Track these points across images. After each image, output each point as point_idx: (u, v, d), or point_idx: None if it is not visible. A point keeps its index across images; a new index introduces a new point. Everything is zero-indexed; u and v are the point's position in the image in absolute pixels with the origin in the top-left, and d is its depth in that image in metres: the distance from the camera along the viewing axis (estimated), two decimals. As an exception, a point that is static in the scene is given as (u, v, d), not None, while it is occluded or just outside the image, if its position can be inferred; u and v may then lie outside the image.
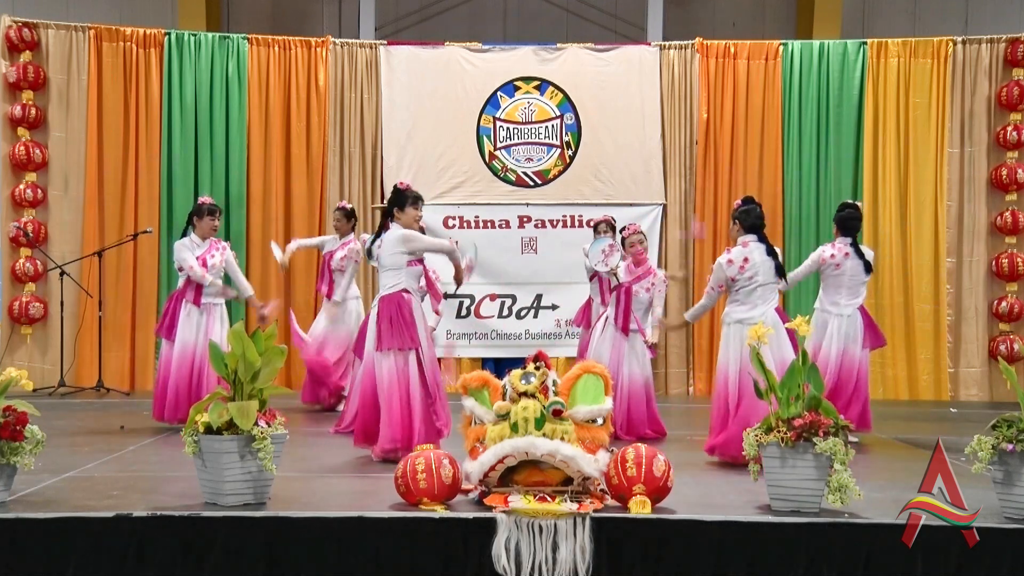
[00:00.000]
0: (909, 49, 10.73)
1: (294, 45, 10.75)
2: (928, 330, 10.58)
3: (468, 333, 10.68)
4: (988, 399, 10.43)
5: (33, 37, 10.39)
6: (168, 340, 7.46)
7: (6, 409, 4.47)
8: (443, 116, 10.76)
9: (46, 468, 5.18)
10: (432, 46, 10.93)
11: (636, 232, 7.54)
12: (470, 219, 10.68)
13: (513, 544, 4.22)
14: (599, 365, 5.01)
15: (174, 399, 7.29)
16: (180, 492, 4.80)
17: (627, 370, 7.26)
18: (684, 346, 10.74)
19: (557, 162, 10.82)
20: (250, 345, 4.53)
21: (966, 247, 10.68)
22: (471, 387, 4.83)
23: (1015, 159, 10.62)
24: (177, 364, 7.32)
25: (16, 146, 10.29)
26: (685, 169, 10.82)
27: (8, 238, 10.33)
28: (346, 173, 10.75)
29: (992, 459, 4.38)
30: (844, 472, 4.37)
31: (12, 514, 4.29)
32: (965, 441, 4.50)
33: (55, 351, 10.16)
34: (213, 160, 10.58)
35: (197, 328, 7.36)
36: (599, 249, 7.44)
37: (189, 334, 7.35)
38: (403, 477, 4.54)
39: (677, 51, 10.84)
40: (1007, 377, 4.79)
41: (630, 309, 7.31)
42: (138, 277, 10.36)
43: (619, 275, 7.38)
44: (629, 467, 4.45)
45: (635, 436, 6.90)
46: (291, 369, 10.07)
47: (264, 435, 4.44)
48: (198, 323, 7.38)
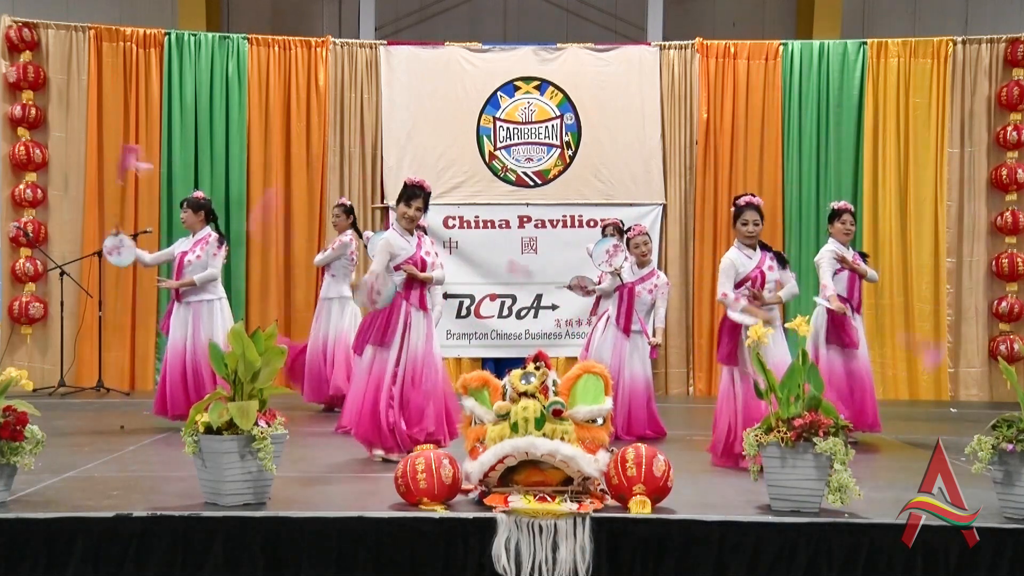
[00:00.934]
0: (909, 49, 10.73)
1: (294, 45, 10.75)
2: (928, 330, 10.58)
3: (468, 333, 10.68)
4: (988, 399, 10.43)
5: (33, 37, 10.39)
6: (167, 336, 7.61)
7: (6, 409, 4.47)
8: (443, 116, 10.77)
9: (46, 468, 5.17)
10: (432, 46, 10.94)
11: (641, 233, 7.55)
12: (470, 219, 10.69)
13: (513, 544, 4.22)
14: (599, 365, 5.01)
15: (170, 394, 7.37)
16: (180, 492, 4.80)
17: (628, 370, 7.27)
18: (684, 346, 10.74)
19: (557, 162, 10.82)
20: (250, 345, 4.53)
21: (966, 247, 10.68)
22: (471, 387, 4.83)
23: (1015, 159, 10.62)
24: (170, 361, 7.43)
25: (16, 146, 10.29)
26: (685, 169, 10.83)
27: (8, 238, 10.33)
28: (346, 173, 10.75)
29: (992, 459, 4.38)
30: (844, 472, 4.37)
31: (12, 514, 4.29)
32: (965, 441, 4.50)
33: (55, 351, 10.16)
34: (213, 160, 10.59)
35: (185, 324, 7.43)
36: (603, 249, 7.44)
37: (178, 331, 7.45)
38: (403, 477, 4.54)
39: (677, 51, 10.84)
40: (1007, 377, 4.79)
41: (632, 309, 7.32)
42: (138, 277, 10.36)
43: (623, 276, 7.39)
44: (629, 467, 4.45)
45: (635, 436, 6.91)
46: (291, 369, 10.06)
47: (264, 435, 4.43)
48: (184, 319, 7.44)
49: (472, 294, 10.64)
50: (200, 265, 7.45)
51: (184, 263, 7.45)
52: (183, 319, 7.43)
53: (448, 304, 9.98)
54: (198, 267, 7.44)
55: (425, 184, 6.18)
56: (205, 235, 7.56)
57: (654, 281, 7.43)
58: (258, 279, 10.61)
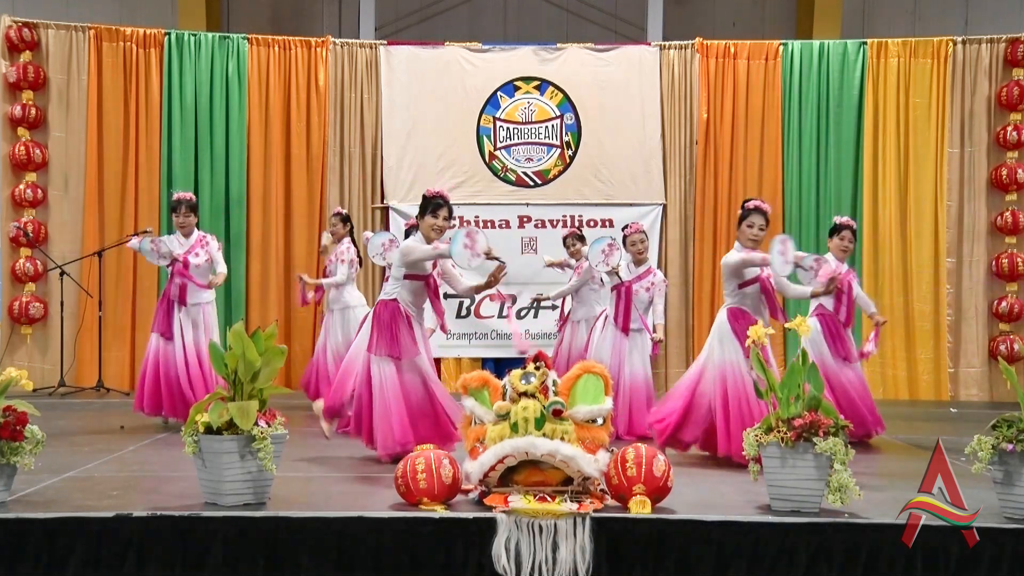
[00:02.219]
0: (909, 49, 10.73)
1: (294, 45, 10.75)
2: (928, 330, 10.58)
3: (468, 333, 10.68)
4: (988, 399, 10.43)
5: (33, 37, 10.39)
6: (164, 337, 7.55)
7: (6, 409, 4.47)
8: (443, 116, 10.77)
9: (46, 468, 5.17)
10: (432, 46, 10.94)
11: (638, 231, 7.55)
12: (470, 219, 10.67)
13: (513, 544, 4.22)
14: (599, 365, 5.00)
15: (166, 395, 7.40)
16: (180, 492, 4.80)
17: (628, 368, 7.26)
18: (684, 346, 10.73)
19: (557, 162, 10.82)
20: (250, 345, 4.53)
21: (966, 247, 10.68)
22: (471, 387, 4.83)
23: (1015, 159, 10.62)
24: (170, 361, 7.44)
25: (16, 146, 10.29)
26: (685, 169, 10.82)
27: (8, 238, 10.34)
28: (346, 173, 10.75)
29: (992, 459, 4.37)
30: (844, 472, 4.37)
31: (12, 514, 4.29)
32: (965, 441, 4.50)
33: (55, 351, 10.16)
34: (213, 160, 10.59)
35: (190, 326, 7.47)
36: (599, 249, 7.43)
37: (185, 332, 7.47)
38: (403, 477, 4.54)
39: (677, 51, 10.84)
40: (1007, 377, 4.79)
41: (631, 308, 7.31)
42: (138, 277, 10.37)
43: (620, 274, 7.38)
44: (629, 467, 4.45)
45: (636, 436, 6.90)
46: (291, 369, 10.07)
47: (264, 435, 4.43)
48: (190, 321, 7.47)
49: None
50: (207, 268, 7.52)
51: (191, 266, 7.46)
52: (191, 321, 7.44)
53: (448, 304, 9.97)
54: (206, 268, 7.50)
55: (445, 194, 6.06)
56: (200, 237, 7.60)
57: (651, 279, 7.43)
58: (258, 279, 10.62)
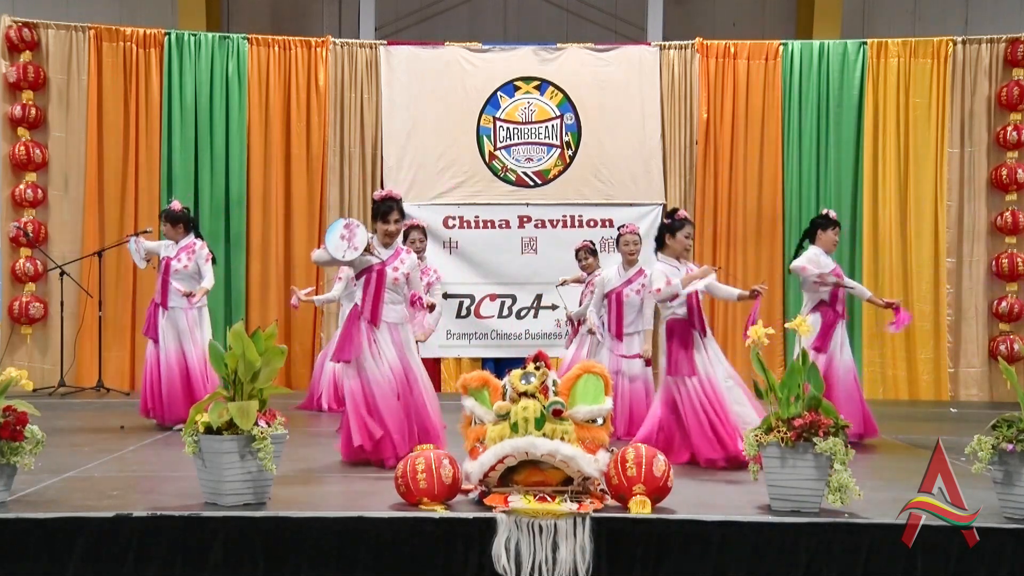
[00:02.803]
0: (909, 49, 10.73)
1: (294, 45, 10.75)
2: (928, 330, 10.58)
3: (468, 333, 10.68)
4: (988, 399, 10.44)
5: (33, 37, 10.39)
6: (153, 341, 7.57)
7: (6, 409, 4.47)
8: (443, 116, 10.77)
9: (46, 468, 5.17)
10: (432, 46, 10.94)
11: (632, 232, 7.50)
12: (470, 219, 10.69)
13: (513, 544, 4.22)
14: (599, 365, 5.00)
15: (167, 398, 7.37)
16: (180, 492, 4.80)
17: (627, 370, 7.26)
18: (684, 346, 10.72)
19: (557, 162, 10.82)
20: (250, 345, 4.52)
21: (966, 247, 10.69)
22: (471, 387, 4.82)
23: (1015, 159, 10.63)
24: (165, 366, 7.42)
25: (16, 146, 10.29)
26: (685, 169, 10.83)
27: (8, 238, 10.34)
28: (346, 173, 10.75)
29: (992, 459, 4.37)
30: (844, 472, 4.36)
31: (12, 514, 4.28)
32: (965, 441, 4.50)
33: (55, 351, 10.16)
34: (213, 160, 10.59)
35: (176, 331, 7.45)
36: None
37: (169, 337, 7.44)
38: (403, 477, 4.53)
39: (677, 51, 10.85)
40: (1007, 377, 4.79)
41: (622, 314, 7.31)
42: (138, 277, 10.35)
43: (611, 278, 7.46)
44: (629, 467, 4.45)
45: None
46: (291, 369, 10.08)
47: (264, 435, 4.43)
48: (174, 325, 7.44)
49: (472, 294, 10.65)
50: (188, 273, 7.42)
51: (171, 270, 7.42)
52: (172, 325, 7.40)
53: (448, 304, 9.98)
54: (185, 275, 7.40)
55: (393, 193, 6.04)
56: (189, 243, 7.53)
57: (641, 281, 7.34)
58: (258, 279, 10.62)
